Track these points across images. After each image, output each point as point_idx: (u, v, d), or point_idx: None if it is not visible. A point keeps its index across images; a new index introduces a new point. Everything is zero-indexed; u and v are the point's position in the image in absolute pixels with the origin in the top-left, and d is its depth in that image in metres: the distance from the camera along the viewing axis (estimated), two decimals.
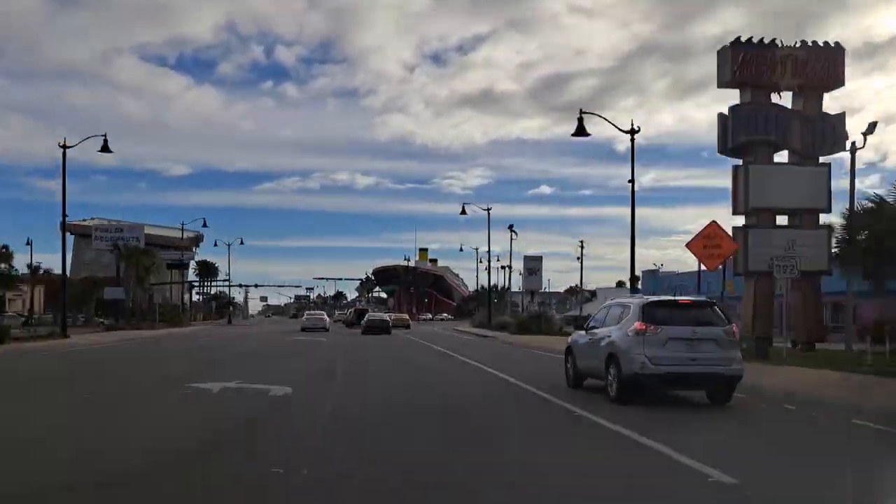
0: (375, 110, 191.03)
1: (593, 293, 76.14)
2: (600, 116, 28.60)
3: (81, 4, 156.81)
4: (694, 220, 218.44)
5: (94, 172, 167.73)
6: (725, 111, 26.29)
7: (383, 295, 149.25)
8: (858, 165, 30.59)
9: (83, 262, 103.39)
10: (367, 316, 51.83)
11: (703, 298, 14.91)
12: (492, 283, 78.97)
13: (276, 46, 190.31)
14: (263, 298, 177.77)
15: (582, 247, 64.66)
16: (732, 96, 26.53)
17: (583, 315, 42.52)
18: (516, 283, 79.87)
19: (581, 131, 26.78)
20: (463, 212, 56.27)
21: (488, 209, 57.08)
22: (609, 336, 13.05)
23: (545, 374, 17.62)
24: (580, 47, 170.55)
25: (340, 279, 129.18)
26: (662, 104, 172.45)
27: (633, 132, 26.91)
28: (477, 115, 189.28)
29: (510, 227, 58.72)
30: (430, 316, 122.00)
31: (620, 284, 78.02)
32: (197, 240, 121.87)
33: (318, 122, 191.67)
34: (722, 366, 12.14)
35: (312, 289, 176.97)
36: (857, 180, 26.21)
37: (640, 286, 31.57)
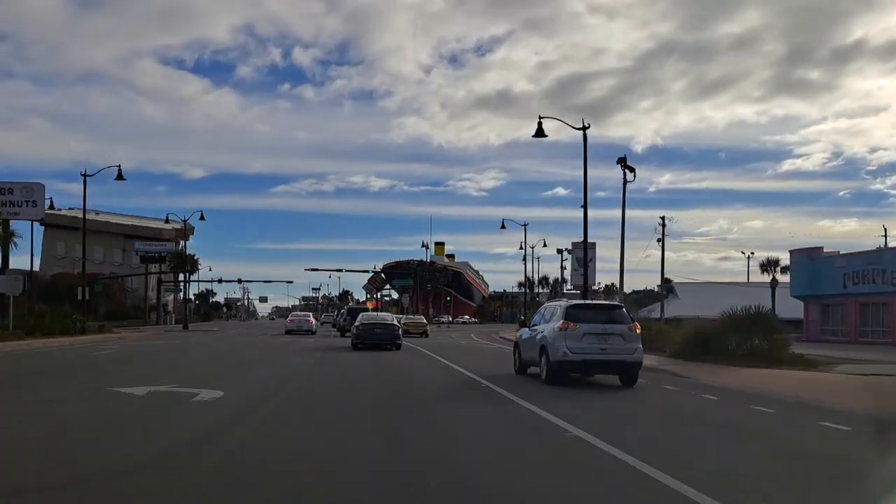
0: (391, 112, 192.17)
1: (670, 290, 63.15)
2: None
3: (102, 8, 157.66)
4: (710, 222, 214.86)
5: (112, 175, 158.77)
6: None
7: (394, 295, 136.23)
8: None
9: (54, 256, 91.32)
10: (359, 318, 30.41)
11: (612, 302, 20.12)
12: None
13: (293, 49, 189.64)
14: (263, 299, 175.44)
15: (663, 225, 50.90)
16: (755, 97, 17.09)
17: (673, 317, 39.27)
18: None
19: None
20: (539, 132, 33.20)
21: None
22: (543, 332, 16.49)
23: None
24: (599, 47, 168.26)
25: (340, 271, 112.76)
26: (680, 105, 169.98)
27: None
28: (492, 116, 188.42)
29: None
30: (449, 318, 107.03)
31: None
32: (185, 231, 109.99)
33: (334, 125, 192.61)
34: (626, 354, 15.42)
35: (318, 289, 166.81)
36: None
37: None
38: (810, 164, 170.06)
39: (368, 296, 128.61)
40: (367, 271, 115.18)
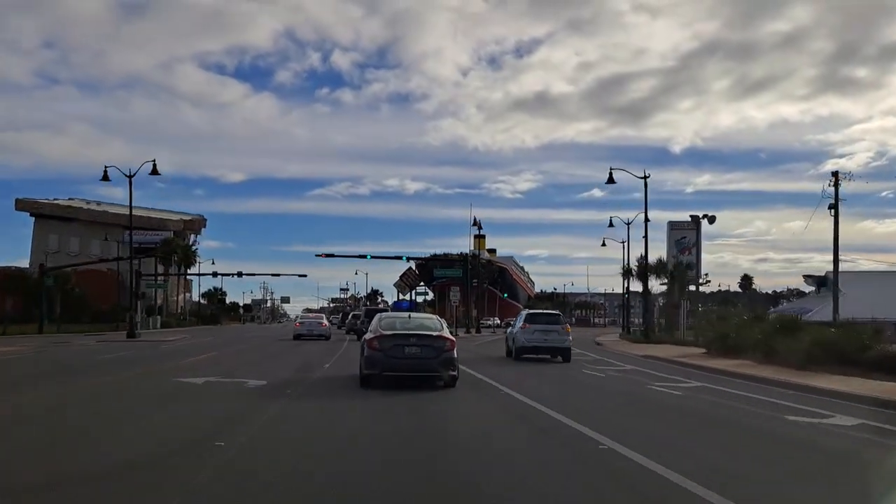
0: (428, 115, 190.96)
1: (821, 282, 50.30)
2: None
3: (146, 14, 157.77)
4: (747, 223, 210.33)
5: (152, 179, 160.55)
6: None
7: (429, 295, 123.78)
8: None
9: (44, 250, 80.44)
10: (376, 320, 16.21)
11: (553, 311, 30.75)
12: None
13: (332, 53, 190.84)
14: (285, 299, 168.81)
15: (836, 186, 35.99)
16: (799, 95, 3.71)
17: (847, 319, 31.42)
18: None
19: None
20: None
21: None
22: (513, 330, 27.00)
23: None
24: (640, 47, 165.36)
25: (364, 257, 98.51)
26: (722, 104, 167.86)
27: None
28: (529, 118, 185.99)
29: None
30: (496, 321, 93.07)
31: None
32: (195, 224, 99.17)
33: (371, 128, 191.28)
34: (560, 343, 24.98)
35: (347, 289, 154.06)
36: None
37: None
38: (853, 164, 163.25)
39: (401, 294, 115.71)
40: (398, 257, 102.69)
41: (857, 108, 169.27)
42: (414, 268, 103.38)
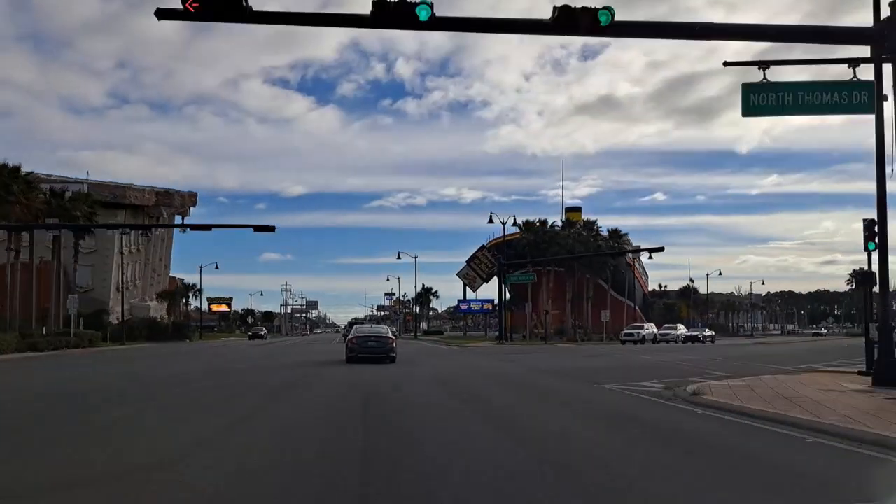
0: (488, 122, 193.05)
1: None
2: None
3: (214, 32, 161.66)
4: (814, 225, 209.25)
5: (217, 195, 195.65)
6: None
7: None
8: None
9: None
10: (354, 328, 35.80)
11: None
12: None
13: (396, 63, 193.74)
14: (312, 304, 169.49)
15: None
16: None
17: None
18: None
19: None
20: None
21: None
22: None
23: None
24: (713, 45, 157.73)
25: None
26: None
27: None
28: (591, 121, 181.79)
29: None
30: (650, 329, 60.96)
31: None
32: (175, 199, 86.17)
33: (430, 137, 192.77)
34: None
35: (393, 293, 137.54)
36: None
37: None
38: None
39: (467, 282, 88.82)
40: (482, 247, 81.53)
41: None
42: (487, 250, 79.76)
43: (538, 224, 68.69)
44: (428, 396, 15.12)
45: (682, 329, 63.53)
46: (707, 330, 68.39)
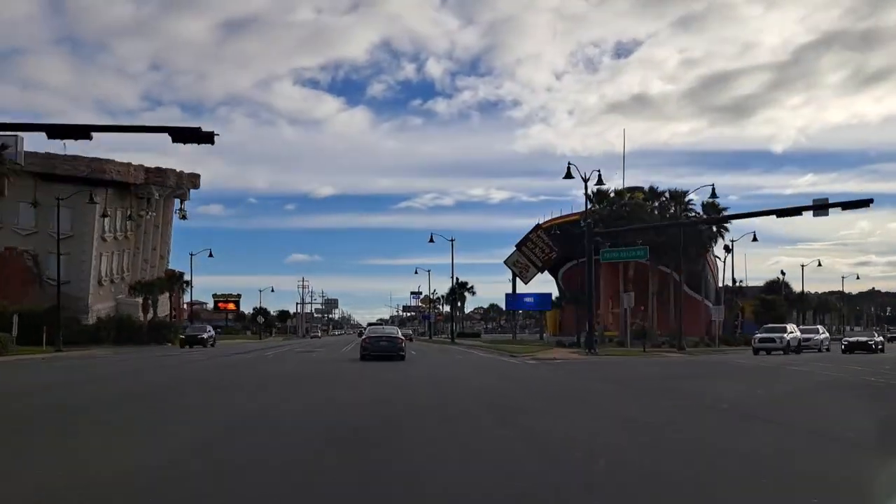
0: (518, 122, 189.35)
1: None
2: None
3: (246, 32, 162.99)
4: (849, 225, 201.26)
5: (247, 195, 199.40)
6: None
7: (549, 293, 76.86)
8: None
9: None
10: (368, 329, 44.76)
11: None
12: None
13: (426, 63, 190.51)
14: (331, 301, 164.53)
15: None
16: None
17: None
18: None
19: None
20: None
21: None
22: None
23: None
24: (750, 41, 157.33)
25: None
26: (833, 100, 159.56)
27: None
28: (623, 120, 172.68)
29: None
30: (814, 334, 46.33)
31: None
32: (167, 177, 73.14)
33: (460, 138, 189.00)
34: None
35: (419, 293, 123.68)
36: None
37: None
38: None
39: (517, 271, 69.22)
40: (535, 227, 63.94)
41: None
42: (544, 230, 64.23)
43: (614, 194, 55.25)
44: None
45: (823, 332, 48.38)
46: (877, 334, 49.35)
